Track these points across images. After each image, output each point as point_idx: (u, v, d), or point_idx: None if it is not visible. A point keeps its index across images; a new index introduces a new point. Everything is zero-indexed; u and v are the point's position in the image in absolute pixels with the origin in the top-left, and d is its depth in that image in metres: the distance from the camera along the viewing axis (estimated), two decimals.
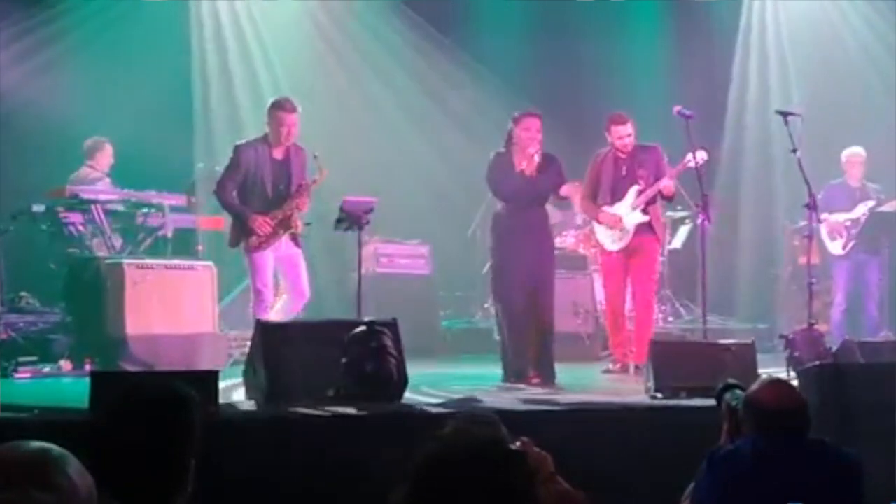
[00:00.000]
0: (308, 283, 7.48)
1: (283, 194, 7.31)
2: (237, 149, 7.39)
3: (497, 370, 7.23)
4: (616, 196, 7.69)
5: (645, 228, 7.66)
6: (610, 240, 7.72)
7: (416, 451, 2.01)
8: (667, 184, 7.57)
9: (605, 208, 7.70)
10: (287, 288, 7.50)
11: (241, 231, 7.27)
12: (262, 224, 7.18)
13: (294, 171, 7.36)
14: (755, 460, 3.23)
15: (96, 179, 8.75)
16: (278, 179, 7.31)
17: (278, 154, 7.33)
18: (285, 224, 7.29)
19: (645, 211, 7.65)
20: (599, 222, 7.76)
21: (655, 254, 7.88)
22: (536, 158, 7.25)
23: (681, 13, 11.39)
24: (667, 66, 11.10)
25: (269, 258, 7.28)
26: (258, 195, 7.28)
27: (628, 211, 7.65)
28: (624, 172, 7.68)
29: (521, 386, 6.86)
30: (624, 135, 7.64)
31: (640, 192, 7.63)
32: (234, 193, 7.31)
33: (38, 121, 9.15)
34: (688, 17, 11.36)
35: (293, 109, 7.31)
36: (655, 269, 7.89)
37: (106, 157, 8.93)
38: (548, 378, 7.07)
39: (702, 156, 7.45)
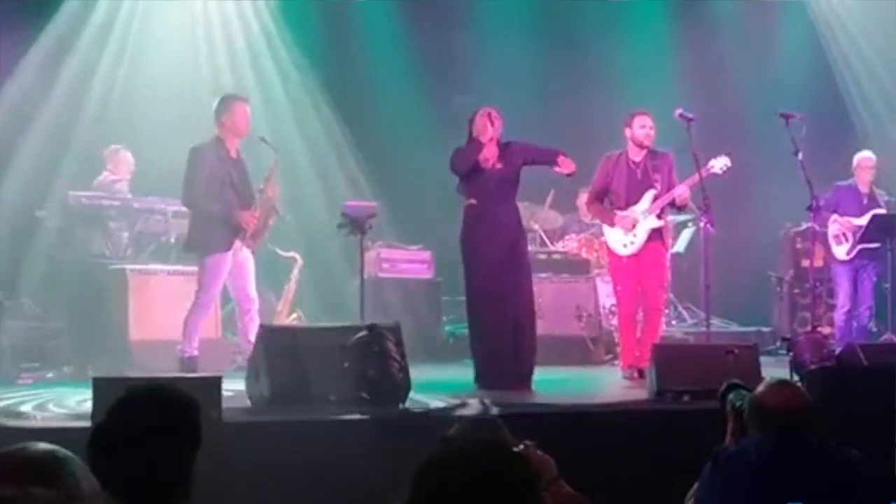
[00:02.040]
0: (254, 287, 7.18)
1: (248, 190, 7.15)
2: (196, 152, 7.05)
3: None
4: (630, 200, 7.58)
5: (655, 235, 7.57)
6: (621, 244, 7.60)
7: (419, 456, 2.01)
8: (681, 192, 7.47)
9: (619, 212, 7.60)
10: (234, 294, 7.24)
11: (217, 233, 6.98)
12: (249, 219, 7.01)
13: (246, 169, 7.24)
14: (760, 461, 3.23)
15: (115, 183, 8.75)
16: (240, 176, 7.13)
17: (233, 153, 7.13)
18: (274, 213, 7.23)
19: (660, 216, 7.57)
20: (614, 226, 7.63)
21: (665, 261, 7.77)
22: (494, 146, 7.02)
23: (683, 14, 11.39)
24: (668, 67, 11.09)
25: (228, 263, 7.02)
26: (223, 194, 7.01)
27: (645, 215, 7.55)
28: (639, 176, 7.57)
29: (500, 392, 6.53)
30: (647, 125, 7.53)
31: (655, 198, 7.53)
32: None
33: (54, 127, 9.14)
34: (690, 17, 11.35)
35: (246, 100, 7.32)
36: (665, 277, 7.78)
37: (125, 164, 8.92)
38: (527, 385, 6.85)
39: (724, 162, 7.42)
